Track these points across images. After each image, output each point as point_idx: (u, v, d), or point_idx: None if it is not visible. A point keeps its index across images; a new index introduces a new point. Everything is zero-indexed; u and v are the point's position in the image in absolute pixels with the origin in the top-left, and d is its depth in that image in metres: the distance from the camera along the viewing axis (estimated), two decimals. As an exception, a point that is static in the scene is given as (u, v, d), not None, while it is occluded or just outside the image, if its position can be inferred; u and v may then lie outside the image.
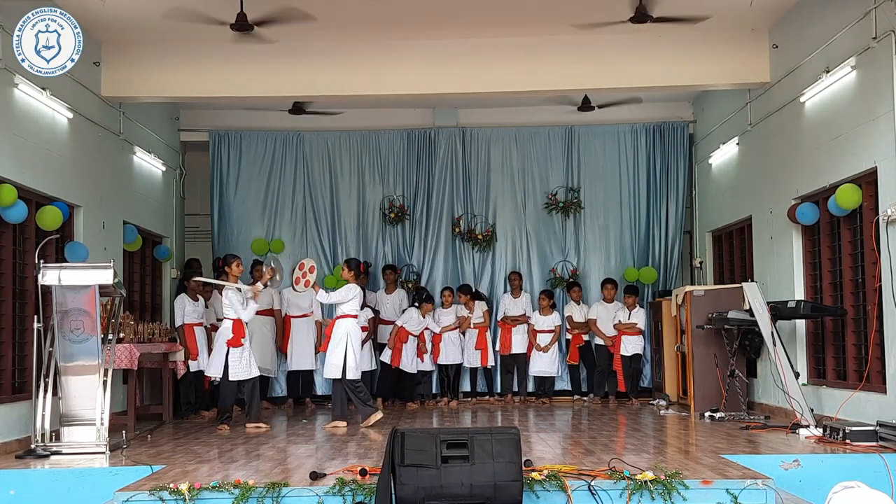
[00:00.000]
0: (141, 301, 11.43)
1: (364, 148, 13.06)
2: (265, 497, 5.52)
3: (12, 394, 8.08)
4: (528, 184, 13.02)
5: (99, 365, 7.50)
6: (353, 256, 12.12)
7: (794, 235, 9.57)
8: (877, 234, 7.79)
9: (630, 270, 12.71)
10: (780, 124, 9.81)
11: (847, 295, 8.63)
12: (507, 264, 12.90)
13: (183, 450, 7.66)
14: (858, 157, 8.07)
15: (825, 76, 8.57)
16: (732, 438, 7.94)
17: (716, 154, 11.89)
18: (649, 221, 12.88)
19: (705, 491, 5.58)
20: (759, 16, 9.61)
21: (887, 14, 7.52)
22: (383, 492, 5.27)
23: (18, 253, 8.34)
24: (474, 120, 13.08)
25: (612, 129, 13.00)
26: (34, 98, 8.46)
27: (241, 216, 12.90)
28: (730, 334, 9.94)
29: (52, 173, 8.83)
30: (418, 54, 10.20)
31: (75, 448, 7.34)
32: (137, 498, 5.52)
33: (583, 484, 5.64)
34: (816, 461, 6.65)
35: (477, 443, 5.40)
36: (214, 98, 11.09)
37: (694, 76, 10.30)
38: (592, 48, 10.07)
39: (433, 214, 12.95)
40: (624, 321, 12.00)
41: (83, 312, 7.43)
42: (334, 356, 9.37)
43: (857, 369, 8.40)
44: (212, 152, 12.94)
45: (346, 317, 9.47)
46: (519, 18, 9.66)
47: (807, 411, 8.29)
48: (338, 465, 6.46)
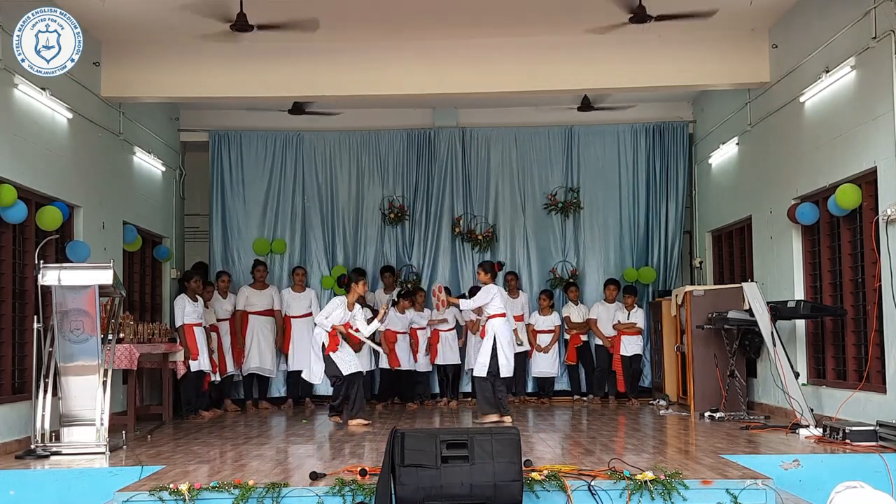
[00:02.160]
0: (141, 301, 11.43)
1: (364, 148, 13.05)
2: (265, 497, 5.52)
3: (12, 394, 8.08)
4: (527, 184, 13.02)
5: (99, 365, 7.50)
6: (486, 259, 12.02)
7: (794, 235, 9.57)
8: (877, 234, 7.79)
9: (629, 270, 12.71)
10: (780, 124, 9.81)
11: (847, 295, 8.63)
12: (508, 264, 12.90)
13: (183, 450, 7.66)
14: (858, 157, 8.07)
15: (825, 76, 8.57)
16: (732, 438, 7.94)
17: (716, 154, 11.89)
18: (649, 221, 12.88)
19: (705, 491, 5.58)
20: (759, 16, 9.61)
21: (887, 14, 7.52)
22: (383, 492, 5.27)
23: (18, 253, 8.34)
24: (474, 120, 13.08)
25: (612, 129, 13.00)
26: (34, 98, 8.46)
27: (241, 216, 12.89)
28: (730, 334, 9.94)
29: (52, 173, 8.82)
30: (418, 54, 10.20)
31: (75, 448, 7.33)
32: (137, 498, 5.52)
33: (583, 484, 5.64)
34: (816, 461, 6.65)
35: (477, 443, 5.40)
36: (214, 98, 11.08)
37: (694, 76, 10.30)
38: (592, 48, 10.07)
39: (433, 215, 12.94)
40: (623, 321, 12.01)
41: (83, 312, 7.43)
42: (483, 354, 9.55)
43: (857, 369, 8.40)
44: (212, 152, 12.93)
45: (494, 316, 9.63)
46: (519, 19, 9.65)
47: (807, 411, 8.29)
48: (338, 465, 6.47)
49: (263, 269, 11.99)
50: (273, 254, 12.81)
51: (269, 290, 11.99)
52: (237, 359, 11.72)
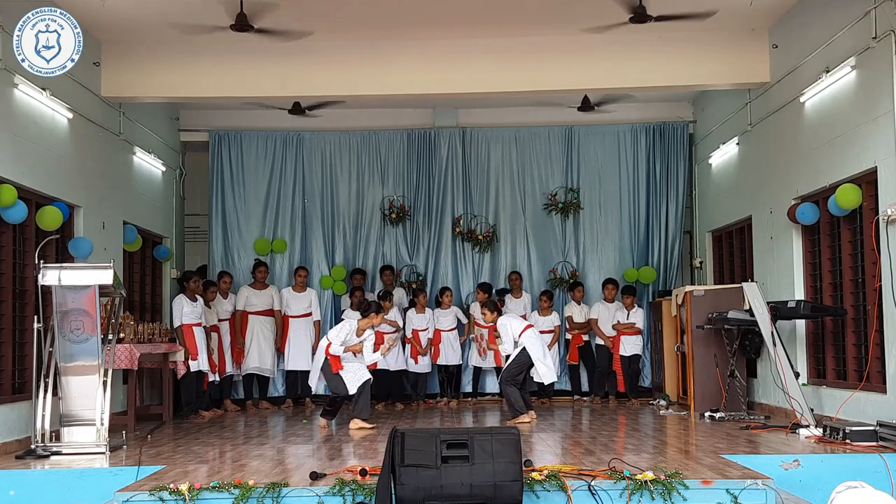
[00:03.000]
0: (141, 301, 11.43)
1: (364, 148, 13.05)
2: (265, 497, 5.52)
3: (12, 394, 8.08)
4: (527, 184, 13.01)
5: (99, 365, 7.50)
6: (488, 297, 11.69)
7: (794, 235, 9.56)
8: (877, 234, 7.79)
9: (630, 271, 12.71)
10: (780, 124, 9.81)
11: (847, 295, 8.63)
12: (508, 265, 12.90)
13: (183, 450, 7.65)
14: (858, 157, 8.07)
15: (825, 76, 8.57)
16: (732, 438, 7.94)
17: (716, 154, 11.89)
18: (649, 221, 12.87)
19: (705, 491, 5.58)
20: (759, 16, 9.61)
21: (887, 14, 7.52)
22: (383, 492, 5.27)
23: (18, 253, 8.34)
24: (474, 120, 13.08)
25: (612, 130, 12.99)
26: (34, 98, 8.46)
27: (241, 216, 12.89)
28: (730, 334, 9.94)
29: (52, 173, 8.82)
30: (418, 54, 10.20)
31: (75, 448, 7.33)
32: (137, 498, 5.52)
33: (583, 484, 5.64)
34: (816, 461, 6.65)
35: (477, 443, 5.40)
36: (214, 98, 11.09)
37: (694, 76, 10.31)
38: (592, 48, 10.07)
39: (433, 215, 12.94)
40: (622, 321, 12.00)
41: (83, 312, 7.42)
42: (511, 366, 9.72)
43: (857, 369, 8.40)
44: (212, 152, 12.93)
45: (522, 332, 9.78)
46: (519, 19, 9.66)
47: (807, 411, 8.28)
48: (338, 465, 6.47)
49: (265, 270, 11.99)
50: (274, 254, 12.81)
51: (268, 290, 11.99)
52: (237, 359, 11.72)
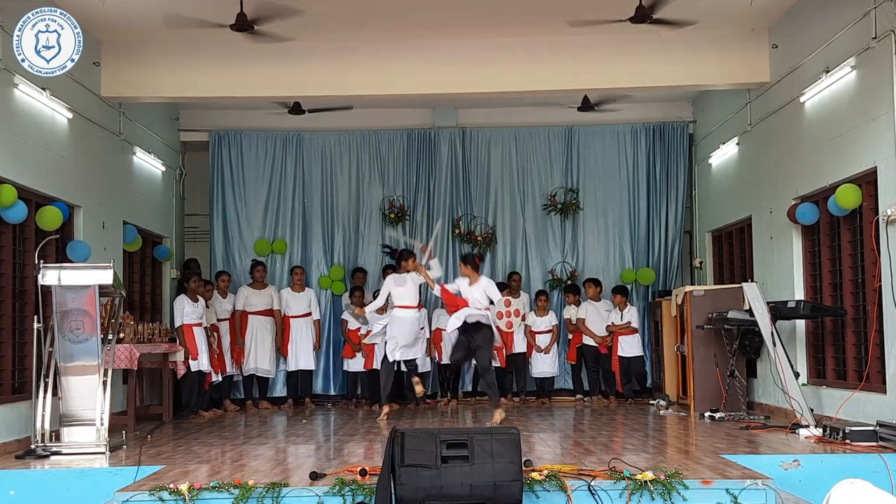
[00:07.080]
0: (141, 301, 11.42)
1: (364, 148, 13.05)
2: (265, 497, 5.52)
3: (12, 394, 8.08)
4: (527, 184, 13.00)
5: (99, 365, 7.50)
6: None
7: (794, 235, 9.56)
8: (877, 234, 7.79)
9: (628, 271, 12.71)
10: (780, 124, 9.81)
11: (847, 295, 8.63)
12: (507, 265, 12.90)
13: (183, 450, 7.65)
14: (858, 157, 8.07)
15: (825, 76, 8.57)
16: (732, 438, 7.94)
17: (716, 154, 11.89)
18: (649, 222, 12.87)
19: (705, 491, 5.58)
20: (759, 16, 9.61)
21: (887, 14, 7.52)
22: (383, 492, 5.27)
23: (18, 253, 8.34)
24: (474, 120, 13.07)
25: (612, 130, 12.99)
26: (34, 98, 8.46)
27: (241, 216, 12.89)
28: (730, 334, 9.94)
29: (52, 173, 8.82)
30: (418, 54, 10.20)
31: (75, 448, 7.33)
32: (137, 498, 5.52)
33: (583, 484, 5.64)
34: (816, 461, 6.65)
35: (477, 443, 5.40)
36: (214, 98, 11.08)
37: (694, 76, 10.30)
38: (592, 48, 10.07)
39: (433, 215, 12.93)
40: (617, 322, 11.98)
41: (83, 313, 7.42)
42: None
43: (857, 369, 8.40)
44: (212, 152, 12.93)
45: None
46: (519, 18, 9.65)
47: (807, 411, 8.28)
48: (338, 465, 6.47)
49: (262, 270, 11.99)
50: (274, 254, 12.81)
51: (268, 290, 11.99)
52: (237, 359, 11.72)
